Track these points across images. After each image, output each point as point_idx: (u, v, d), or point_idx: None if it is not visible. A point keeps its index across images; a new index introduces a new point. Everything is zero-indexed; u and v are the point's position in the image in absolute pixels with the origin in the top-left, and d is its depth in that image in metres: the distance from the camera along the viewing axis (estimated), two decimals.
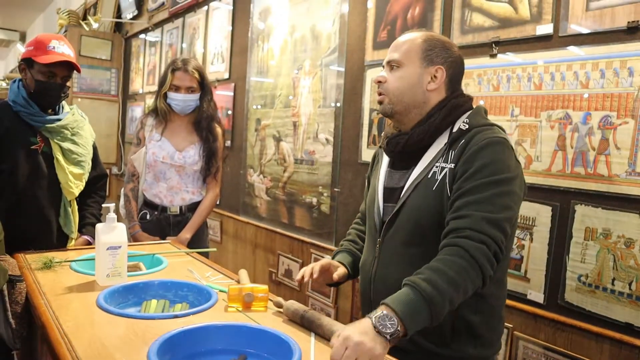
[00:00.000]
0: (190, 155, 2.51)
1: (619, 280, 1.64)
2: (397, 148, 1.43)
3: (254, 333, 1.26)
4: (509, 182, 1.28)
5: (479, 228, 1.22)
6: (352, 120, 2.70)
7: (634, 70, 1.61)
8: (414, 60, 1.41)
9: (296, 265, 3.08)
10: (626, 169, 1.63)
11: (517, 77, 1.92)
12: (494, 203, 1.25)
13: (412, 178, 1.39)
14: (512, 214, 1.29)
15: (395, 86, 1.42)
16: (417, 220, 1.36)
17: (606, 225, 1.67)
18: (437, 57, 1.41)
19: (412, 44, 1.42)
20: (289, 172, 3.20)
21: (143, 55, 5.60)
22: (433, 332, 1.32)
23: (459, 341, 1.35)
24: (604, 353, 1.67)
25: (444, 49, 1.43)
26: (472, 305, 1.34)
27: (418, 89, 1.41)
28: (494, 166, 1.27)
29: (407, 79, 1.41)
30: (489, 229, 1.22)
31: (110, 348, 1.15)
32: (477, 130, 1.34)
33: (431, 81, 1.41)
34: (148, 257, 1.95)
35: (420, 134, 1.39)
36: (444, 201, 1.32)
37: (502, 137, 1.33)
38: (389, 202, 1.46)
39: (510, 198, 1.28)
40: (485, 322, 1.37)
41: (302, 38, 3.12)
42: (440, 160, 1.36)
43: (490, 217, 1.23)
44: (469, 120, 1.37)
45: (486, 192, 1.25)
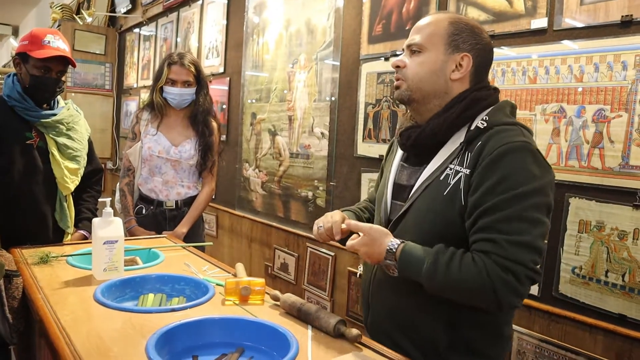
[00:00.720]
0: (186, 150, 2.51)
1: (613, 272, 1.66)
2: (409, 141, 1.32)
3: (251, 326, 1.27)
4: (535, 194, 1.15)
5: (506, 254, 1.11)
6: (348, 114, 2.71)
7: (627, 64, 1.62)
8: (437, 45, 1.27)
9: (292, 259, 3.09)
10: (619, 162, 1.64)
11: (512, 71, 1.93)
12: (521, 220, 1.13)
13: (423, 177, 1.29)
14: (544, 229, 1.17)
15: (415, 72, 1.29)
16: (424, 224, 1.26)
17: (600, 218, 1.68)
18: (464, 42, 1.27)
19: (437, 26, 1.28)
20: (284, 166, 3.21)
21: (137, 49, 5.58)
22: (425, 345, 1.27)
23: (453, 356, 1.26)
24: (598, 344, 1.69)
25: (472, 33, 1.28)
26: (474, 321, 1.25)
27: (440, 77, 1.27)
28: (516, 177, 1.14)
29: (429, 65, 1.27)
30: (518, 254, 1.11)
31: (108, 341, 1.15)
32: (495, 131, 1.21)
33: (455, 70, 1.27)
34: (144, 252, 1.95)
35: (434, 128, 1.27)
36: (455, 209, 1.21)
37: (523, 141, 1.19)
38: (398, 200, 1.37)
39: (538, 211, 1.15)
40: (485, 338, 1.27)
41: (297, 32, 3.12)
42: (455, 162, 1.23)
43: (519, 240, 1.12)
44: (489, 117, 1.24)
45: (511, 209, 1.13)
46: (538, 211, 1.15)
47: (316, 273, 2.90)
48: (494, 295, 1.12)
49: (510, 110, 1.30)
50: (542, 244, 1.15)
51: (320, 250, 2.86)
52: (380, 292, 1.38)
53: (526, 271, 1.12)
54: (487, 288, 1.12)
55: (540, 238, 1.15)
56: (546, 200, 1.18)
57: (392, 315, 1.34)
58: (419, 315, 1.28)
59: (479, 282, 1.12)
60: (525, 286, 1.13)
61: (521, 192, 1.14)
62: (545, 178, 1.19)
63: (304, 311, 1.32)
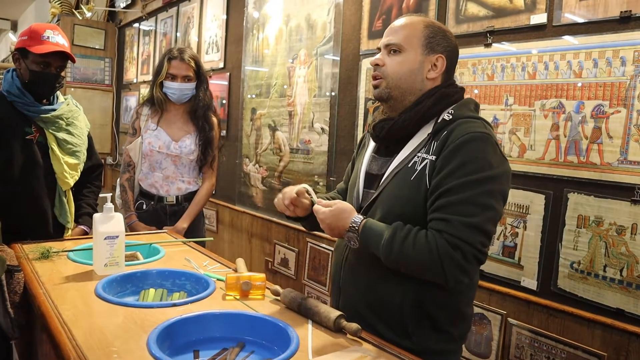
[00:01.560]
0: (186, 145, 2.52)
1: (611, 266, 1.66)
2: (381, 133, 1.41)
3: (252, 321, 1.28)
4: (490, 181, 1.25)
5: (456, 233, 1.21)
6: (348, 109, 2.71)
7: (626, 59, 1.63)
8: (415, 47, 1.37)
9: (292, 254, 3.10)
10: (618, 157, 1.65)
11: (512, 67, 1.93)
12: (475, 204, 1.23)
13: (392, 166, 1.38)
14: (495, 214, 1.26)
15: (395, 70, 1.37)
16: (391, 209, 1.34)
17: (598, 213, 1.69)
18: (438, 45, 1.38)
19: (414, 29, 1.38)
20: (284, 161, 3.21)
21: (137, 44, 5.57)
22: (396, 324, 1.34)
23: (421, 334, 1.34)
24: (596, 338, 1.70)
25: (444, 37, 1.39)
26: (438, 301, 1.33)
27: (417, 76, 1.37)
28: (475, 164, 1.24)
29: (408, 64, 1.37)
30: (467, 234, 1.21)
31: (110, 336, 1.16)
32: (459, 122, 1.31)
33: (431, 70, 1.37)
34: (145, 247, 1.96)
35: (405, 121, 1.36)
36: (421, 192, 1.30)
37: (485, 132, 1.28)
38: (369, 189, 1.45)
39: (492, 197, 1.25)
40: (449, 317, 1.36)
41: (297, 27, 3.12)
42: (422, 151, 1.33)
43: (469, 222, 1.21)
44: (454, 111, 1.34)
45: (467, 193, 1.23)
46: (491, 197, 1.25)
47: (316, 268, 2.91)
48: (442, 270, 1.22)
49: (474, 107, 1.40)
50: (491, 228, 1.26)
51: (320, 245, 2.87)
52: (352, 275, 1.44)
53: (473, 251, 1.22)
54: (436, 263, 1.22)
55: (489, 222, 1.25)
56: (500, 188, 1.28)
57: (364, 296, 1.40)
58: (388, 295, 1.35)
59: (429, 257, 1.22)
60: (471, 265, 1.24)
61: (477, 178, 1.23)
62: (501, 168, 1.29)
63: (304, 306, 1.33)
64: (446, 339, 1.37)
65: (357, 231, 1.31)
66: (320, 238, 2.87)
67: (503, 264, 1.96)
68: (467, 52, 2.06)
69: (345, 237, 1.34)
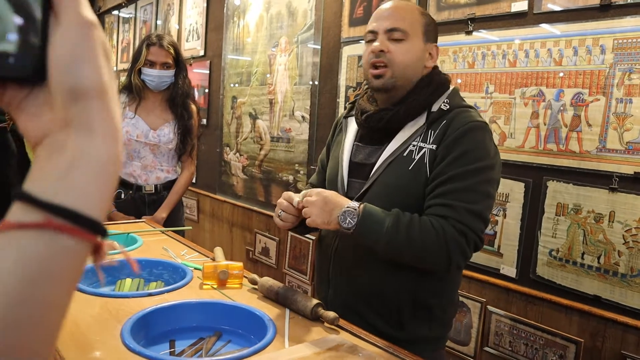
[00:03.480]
0: (164, 134, 2.48)
1: (588, 254, 1.68)
2: (379, 124, 1.34)
3: (229, 310, 1.26)
4: (490, 170, 1.26)
5: (461, 219, 1.21)
6: (329, 97, 2.69)
7: (605, 47, 1.63)
8: (418, 34, 1.32)
9: (273, 243, 3.09)
10: (597, 145, 1.65)
11: (492, 54, 1.92)
12: (476, 192, 1.23)
13: (385, 155, 1.32)
14: (492, 202, 1.29)
15: (402, 59, 1.30)
16: (388, 198, 1.29)
17: (577, 201, 1.70)
18: (432, 34, 1.36)
19: (414, 14, 1.33)
20: (265, 150, 3.18)
21: (116, 32, 5.47)
22: (391, 316, 1.32)
23: (415, 324, 1.33)
24: (573, 325, 1.72)
25: (435, 26, 1.39)
26: (432, 288, 1.33)
27: (420, 65, 1.33)
28: (477, 153, 1.25)
29: (414, 53, 1.31)
30: (471, 221, 1.22)
31: (83, 327, 1.14)
32: (458, 112, 1.29)
33: (429, 58, 1.35)
34: (122, 236, 1.93)
35: (409, 110, 1.31)
36: (421, 181, 1.27)
37: (484, 122, 1.30)
38: (356, 178, 1.39)
39: (490, 185, 1.27)
40: (441, 304, 1.36)
41: (278, 14, 3.08)
42: (418, 140, 1.29)
43: (473, 209, 1.22)
44: (450, 100, 1.31)
45: (469, 181, 1.23)
46: (490, 185, 1.27)
47: (297, 257, 2.90)
48: (447, 255, 1.21)
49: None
50: (489, 215, 1.28)
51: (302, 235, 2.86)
52: (343, 266, 1.40)
53: (475, 237, 1.23)
54: (442, 248, 1.20)
55: (488, 209, 1.27)
56: (497, 177, 1.31)
57: (355, 288, 1.37)
58: (382, 285, 1.33)
59: (437, 243, 1.20)
60: (472, 250, 1.25)
61: (479, 167, 1.24)
62: (497, 157, 1.31)
63: (282, 295, 1.31)
64: (438, 326, 1.37)
65: (356, 214, 1.21)
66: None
67: (483, 252, 1.96)
68: (448, 39, 2.05)
69: (339, 216, 1.22)
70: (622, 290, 1.61)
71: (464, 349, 2.02)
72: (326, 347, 1.05)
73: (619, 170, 1.60)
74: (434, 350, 1.38)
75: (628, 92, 1.58)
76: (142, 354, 1.02)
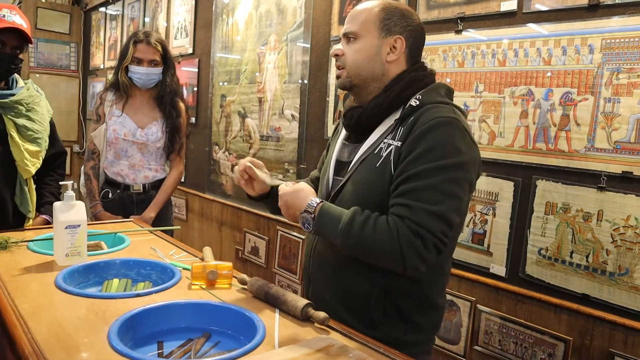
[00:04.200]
0: (152, 132, 2.45)
1: (577, 253, 1.68)
2: (352, 121, 1.37)
3: (218, 310, 1.25)
4: (456, 168, 1.21)
5: (418, 220, 1.17)
6: (318, 96, 2.68)
7: (594, 47, 1.63)
8: (371, 31, 1.32)
9: (263, 242, 3.07)
10: (585, 144, 1.66)
11: (482, 54, 1.93)
12: (439, 191, 1.19)
13: (359, 153, 1.35)
14: (458, 203, 1.23)
15: (353, 59, 1.34)
16: (358, 195, 1.31)
17: (566, 200, 1.71)
18: (396, 26, 1.32)
19: (369, 13, 1.34)
20: (254, 148, 3.17)
21: (104, 29, 5.42)
22: (362, 314, 1.32)
23: (387, 325, 1.31)
24: (562, 323, 1.72)
25: (402, 17, 1.33)
26: (405, 290, 1.31)
27: (376, 61, 1.33)
28: (441, 150, 1.20)
29: (365, 51, 1.33)
30: (429, 222, 1.18)
31: (70, 329, 1.12)
32: (427, 108, 1.27)
33: (390, 52, 1.32)
34: (110, 236, 1.90)
35: (374, 108, 1.32)
36: (386, 179, 1.27)
37: (453, 117, 1.24)
38: (338, 176, 1.42)
39: (457, 185, 1.21)
40: (417, 308, 1.32)
41: (267, 12, 3.06)
42: (389, 137, 1.29)
43: (432, 210, 1.18)
44: (422, 96, 1.29)
45: (431, 179, 1.19)
46: (456, 185, 1.21)
47: (287, 256, 2.89)
48: (401, 257, 1.18)
49: (446, 92, 1.34)
50: (454, 217, 1.22)
51: (291, 233, 2.85)
52: (320, 264, 1.42)
53: (434, 239, 1.18)
54: (396, 249, 1.18)
55: (453, 211, 1.21)
56: (467, 177, 1.24)
57: (331, 286, 1.39)
58: (355, 285, 1.33)
59: (389, 243, 1.18)
60: (431, 253, 1.20)
61: (443, 164, 1.20)
62: (470, 155, 1.25)
63: (272, 295, 1.30)
64: (415, 330, 1.34)
65: (312, 214, 1.26)
66: (291, 226, 2.85)
67: (472, 250, 1.96)
68: (437, 38, 2.05)
69: (299, 219, 1.29)
70: (610, 289, 1.62)
71: (454, 348, 2.02)
72: (316, 347, 1.04)
73: (607, 170, 1.61)
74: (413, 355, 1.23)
75: (616, 92, 1.59)
76: (129, 356, 1.01)
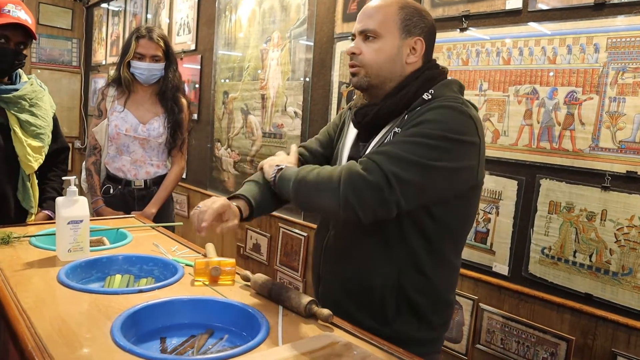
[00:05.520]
0: (154, 128, 2.45)
1: (580, 252, 1.68)
2: (365, 119, 1.33)
3: (221, 307, 1.25)
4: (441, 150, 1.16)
5: (371, 157, 1.17)
6: (321, 93, 2.67)
7: (599, 46, 1.63)
8: (392, 31, 1.28)
9: (264, 239, 3.07)
10: (590, 143, 1.65)
11: (486, 52, 1.92)
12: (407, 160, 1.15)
13: (370, 147, 1.32)
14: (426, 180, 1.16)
15: (373, 59, 1.29)
16: None
17: (569, 199, 1.70)
18: (415, 27, 1.29)
19: (388, 12, 1.29)
20: (257, 145, 3.16)
21: (106, 25, 5.41)
22: (376, 311, 1.31)
23: (401, 321, 1.30)
24: (565, 322, 1.72)
25: (420, 17, 1.31)
26: (418, 286, 1.29)
27: (397, 62, 1.29)
28: (432, 124, 1.17)
29: (386, 51, 1.28)
30: (378, 158, 1.15)
31: (72, 324, 1.11)
32: (437, 101, 1.25)
33: (410, 54, 1.29)
34: (112, 232, 1.90)
35: (391, 106, 1.28)
36: None
37: (459, 104, 1.22)
38: None
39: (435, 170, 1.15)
40: (430, 304, 1.31)
41: (271, 9, 3.06)
42: (396, 127, 1.28)
43: (386, 151, 1.16)
44: (434, 91, 1.27)
45: (403, 147, 1.16)
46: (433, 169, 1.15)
47: (288, 253, 2.88)
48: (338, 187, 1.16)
49: (458, 89, 1.32)
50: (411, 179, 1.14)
51: (292, 230, 2.85)
52: (331, 262, 1.40)
53: (379, 171, 1.13)
54: (334, 180, 1.17)
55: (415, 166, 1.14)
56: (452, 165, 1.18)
57: (343, 284, 1.37)
58: (368, 281, 1.31)
59: (329, 176, 1.19)
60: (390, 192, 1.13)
61: (418, 141, 1.16)
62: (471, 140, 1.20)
63: (275, 291, 1.30)
64: (427, 327, 1.33)
65: (275, 175, 1.34)
66: (293, 223, 2.84)
67: (475, 249, 1.96)
68: (442, 36, 2.04)
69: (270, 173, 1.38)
70: (613, 289, 1.61)
71: (456, 347, 2.02)
72: (320, 345, 1.04)
73: (612, 169, 1.61)
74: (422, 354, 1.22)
75: (621, 91, 1.58)
76: (132, 351, 1.00)
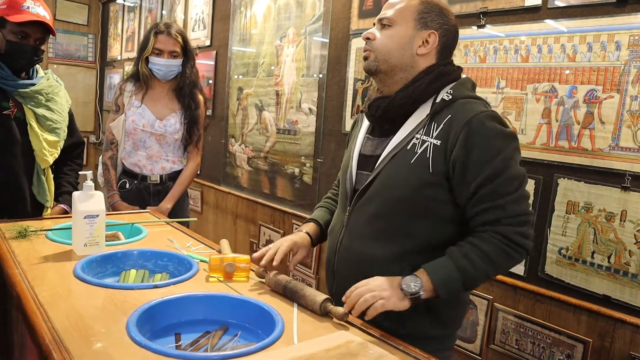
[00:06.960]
0: (171, 124, 2.45)
1: (599, 253, 1.66)
2: (377, 112, 1.35)
3: (236, 303, 1.25)
4: (514, 152, 1.27)
5: (512, 213, 1.23)
6: (336, 90, 2.66)
7: (621, 44, 1.60)
8: (407, 21, 1.32)
9: (277, 235, 3.07)
10: (610, 143, 1.63)
11: (504, 49, 1.90)
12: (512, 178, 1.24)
13: (389, 147, 1.33)
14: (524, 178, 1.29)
15: (384, 44, 1.33)
16: (389, 192, 1.30)
17: (588, 199, 1.68)
18: (432, 21, 1.33)
19: (408, 3, 1.34)
20: (271, 142, 3.16)
21: (121, 20, 5.44)
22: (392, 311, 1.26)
23: (416, 319, 1.31)
24: (582, 324, 1.70)
25: (440, 14, 1.34)
26: None
27: (407, 51, 1.32)
28: (495, 143, 1.24)
29: (398, 38, 1.32)
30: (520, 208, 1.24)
31: (88, 318, 1.12)
32: (461, 103, 1.28)
33: (422, 45, 1.32)
34: (127, 227, 1.91)
35: (403, 99, 1.31)
36: (423, 176, 1.26)
37: (489, 110, 1.27)
38: (364, 170, 1.40)
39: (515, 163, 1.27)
40: (444, 301, 1.29)
41: (286, 5, 3.05)
42: (422, 132, 1.29)
43: (516, 197, 1.24)
44: (453, 91, 1.30)
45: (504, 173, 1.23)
46: (518, 165, 1.27)
47: None
48: (517, 248, 1.24)
49: (471, 86, 1.37)
50: (527, 192, 1.29)
51: None
52: (346, 259, 1.40)
53: (527, 217, 1.26)
54: (514, 250, 1.24)
55: (524, 187, 1.27)
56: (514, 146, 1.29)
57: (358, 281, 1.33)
58: None
59: (506, 252, 1.23)
60: (531, 227, 1.27)
61: (505, 156, 1.24)
62: (515, 139, 1.30)
63: (290, 289, 1.29)
64: (440, 324, 1.34)
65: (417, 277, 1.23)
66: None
67: None
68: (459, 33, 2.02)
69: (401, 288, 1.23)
70: (632, 291, 1.59)
71: (470, 346, 2.00)
72: (336, 343, 1.04)
73: (632, 169, 1.58)
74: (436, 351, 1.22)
75: None
76: (148, 347, 1.01)
